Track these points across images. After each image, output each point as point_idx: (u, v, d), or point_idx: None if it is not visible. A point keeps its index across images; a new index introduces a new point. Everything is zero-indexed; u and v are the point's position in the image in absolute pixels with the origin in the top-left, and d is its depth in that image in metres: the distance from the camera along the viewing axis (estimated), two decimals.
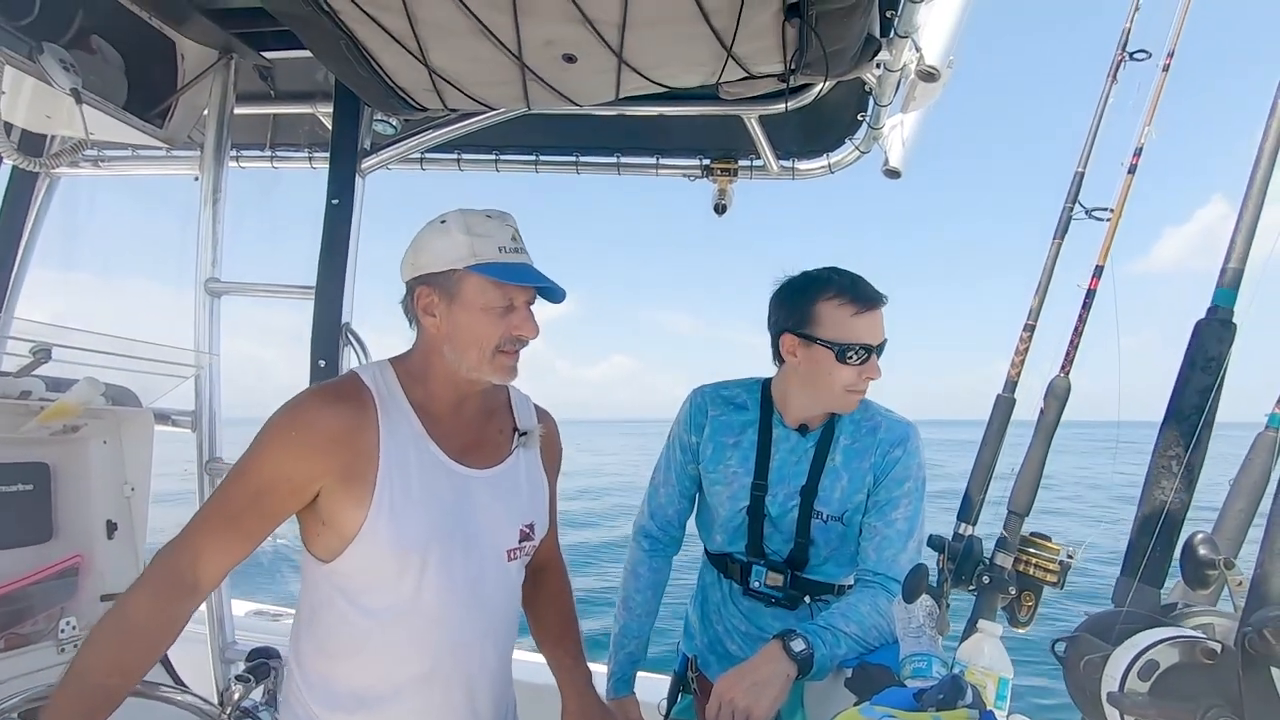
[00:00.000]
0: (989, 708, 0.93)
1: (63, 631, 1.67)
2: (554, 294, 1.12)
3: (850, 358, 1.33)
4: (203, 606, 2.06)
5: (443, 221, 1.09)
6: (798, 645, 1.19)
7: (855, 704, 0.92)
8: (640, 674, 1.60)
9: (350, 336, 1.91)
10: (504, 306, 1.09)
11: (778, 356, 1.44)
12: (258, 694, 1.73)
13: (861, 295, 1.34)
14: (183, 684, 1.76)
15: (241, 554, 1.05)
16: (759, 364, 1.55)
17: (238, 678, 1.53)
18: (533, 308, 1.13)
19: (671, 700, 1.67)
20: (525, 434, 1.23)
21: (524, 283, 1.09)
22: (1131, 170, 1.36)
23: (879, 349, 1.35)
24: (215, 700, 1.55)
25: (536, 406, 1.32)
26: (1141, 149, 1.36)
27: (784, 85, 1.48)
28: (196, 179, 2.13)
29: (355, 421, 1.05)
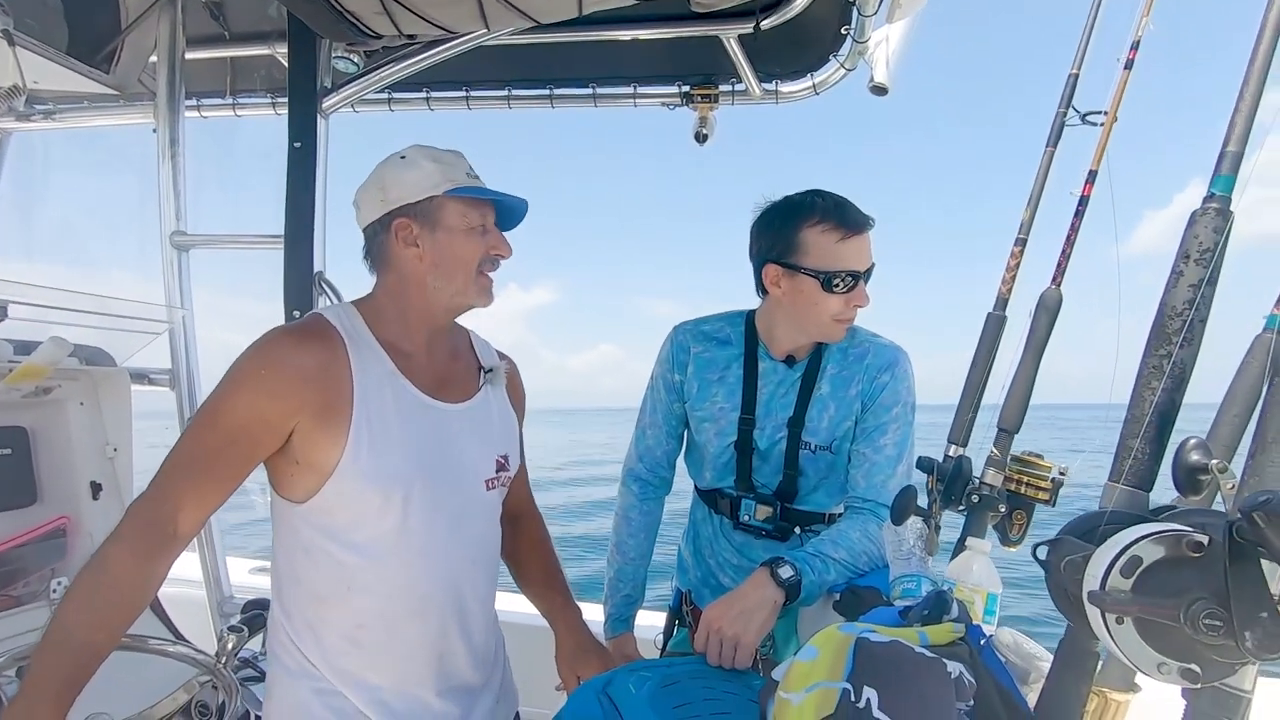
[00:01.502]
0: (976, 623, 0.92)
1: (54, 592, 1.68)
2: (515, 215, 1.18)
3: (837, 285, 1.27)
4: (198, 563, 2.08)
5: (402, 157, 1.11)
6: (785, 572, 1.18)
7: (835, 624, 0.91)
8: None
9: (324, 285, 1.86)
10: (481, 226, 1.13)
11: (761, 288, 1.39)
12: (255, 644, 1.75)
13: (847, 219, 1.28)
14: (182, 637, 1.78)
15: (218, 500, 1.03)
16: None
17: (231, 628, 1.54)
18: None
19: (667, 634, 1.68)
20: (490, 370, 1.25)
21: (503, 199, 1.13)
22: (1128, 66, 1.28)
23: (866, 274, 1.30)
24: (213, 651, 1.56)
25: (498, 351, 1.32)
26: (1139, 43, 1.27)
27: None
28: (155, 130, 2.05)
29: (326, 358, 1.04)
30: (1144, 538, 0.56)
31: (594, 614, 1.44)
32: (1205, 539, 0.54)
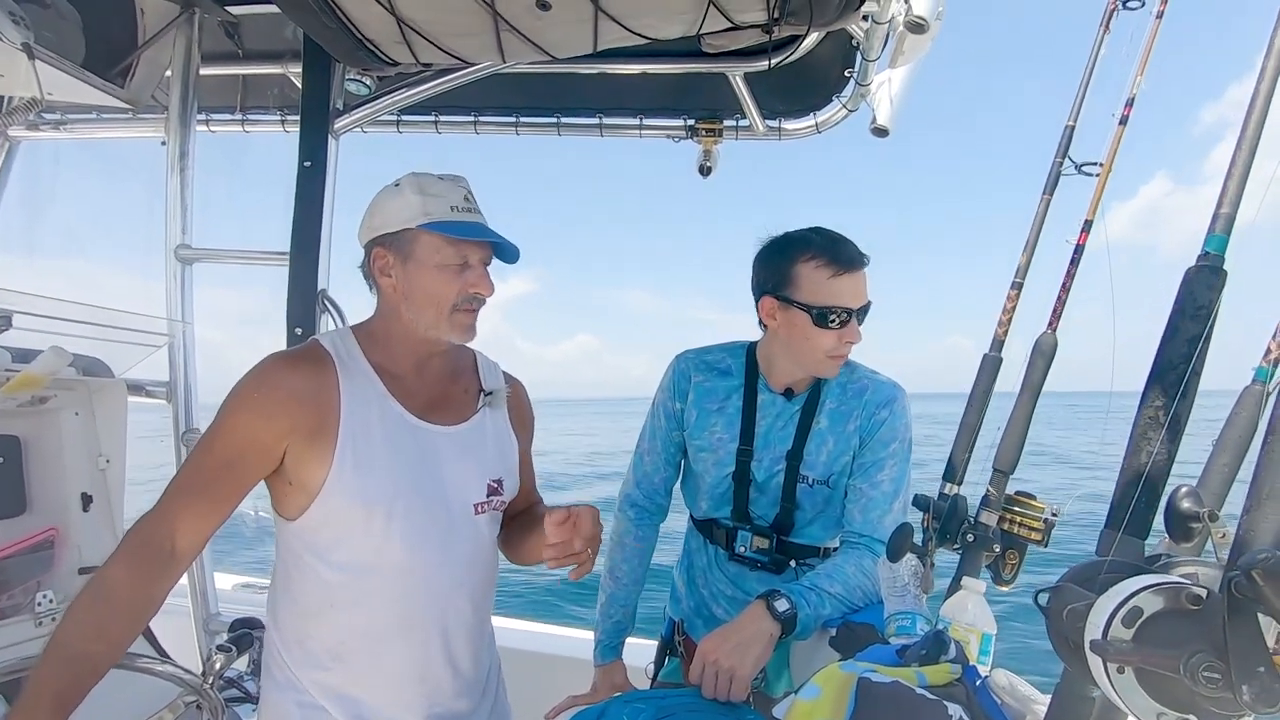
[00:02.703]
0: (971, 663, 0.93)
1: (40, 605, 1.65)
2: (507, 252, 1.14)
3: (830, 321, 1.29)
4: (184, 579, 2.05)
5: (396, 184, 1.11)
6: (781, 605, 1.19)
7: (838, 661, 0.92)
8: (627, 640, 1.59)
9: (327, 303, 1.87)
10: (459, 264, 1.10)
11: (761, 321, 1.41)
12: (241, 664, 1.72)
13: (841, 256, 1.30)
14: (166, 655, 1.75)
15: (217, 521, 1.06)
16: (722, 339, 1.53)
17: (219, 647, 1.52)
18: (491, 273, 1.15)
19: (658, 664, 1.67)
20: (490, 394, 1.24)
21: (475, 238, 1.10)
22: (1123, 121, 1.33)
23: (860, 312, 1.32)
24: (199, 671, 1.54)
25: (505, 374, 1.32)
26: (1134, 99, 1.33)
27: (768, 37, 1.44)
28: (164, 144, 2.06)
29: (316, 381, 1.06)
30: (1144, 589, 0.58)
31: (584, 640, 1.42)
32: (1204, 592, 0.56)
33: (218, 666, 1.48)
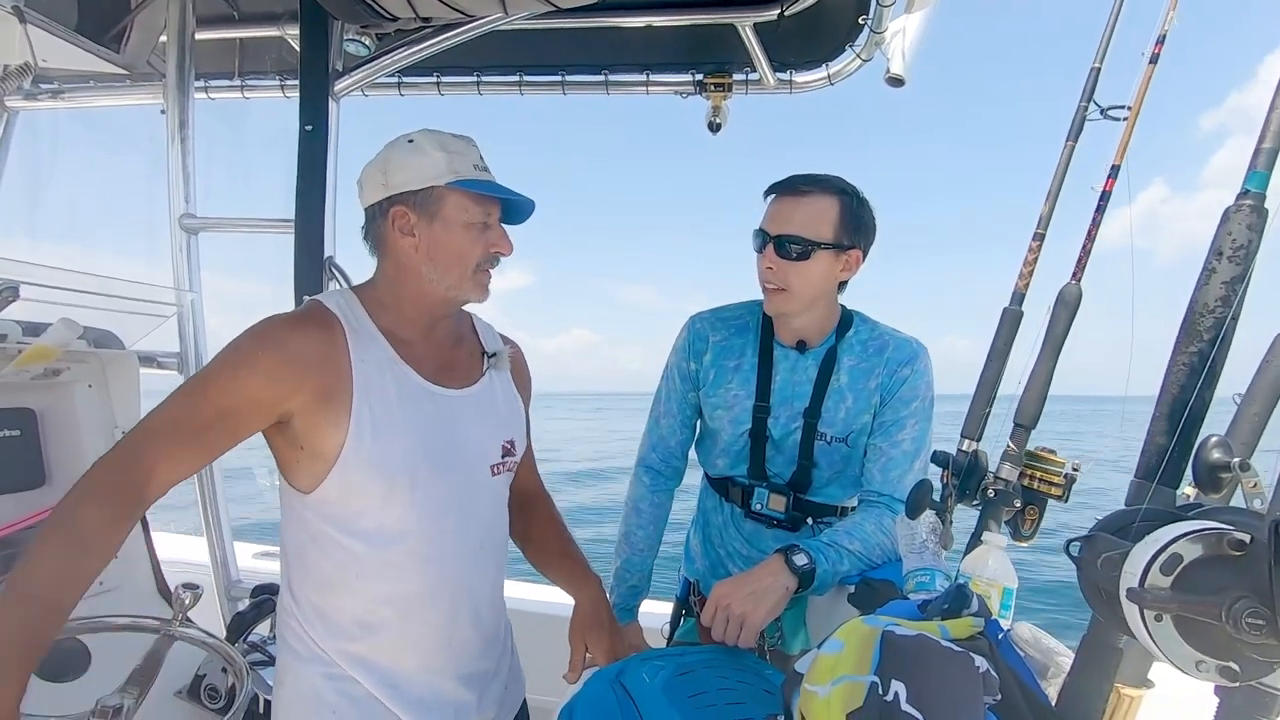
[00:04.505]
0: (993, 617, 0.92)
1: None
2: (517, 214, 1.15)
3: (755, 245, 1.33)
4: (205, 546, 2.08)
5: (410, 141, 1.08)
6: (799, 559, 1.18)
7: (859, 616, 0.91)
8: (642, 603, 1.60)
9: (334, 270, 1.85)
10: (482, 223, 1.10)
11: None
12: (264, 628, 1.75)
13: (776, 183, 1.33)
14: (191, 621, 1.78)
15: (191, 470, 1.01)
16: None
17: (240, 613, 1.54)
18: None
19: (674, 624, 1.68)
20: (494, 355, 1.23)
21: (506, 196, 1.10)
22: (1154, 60, 1.27)
23: (777, 240, 1.30)
24: (223, 636, 1.56)
25: (502, 335, 1.31)
26: (1165, 37, 1.26)
27: None
28: (164, 112, 2.03)
29: (324, 343, 1.03)
30: (1183, 535, 0.56)
31: None
32: (1247, 537, 0.54)
33: (241, 631, 1.51)
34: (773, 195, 1.34)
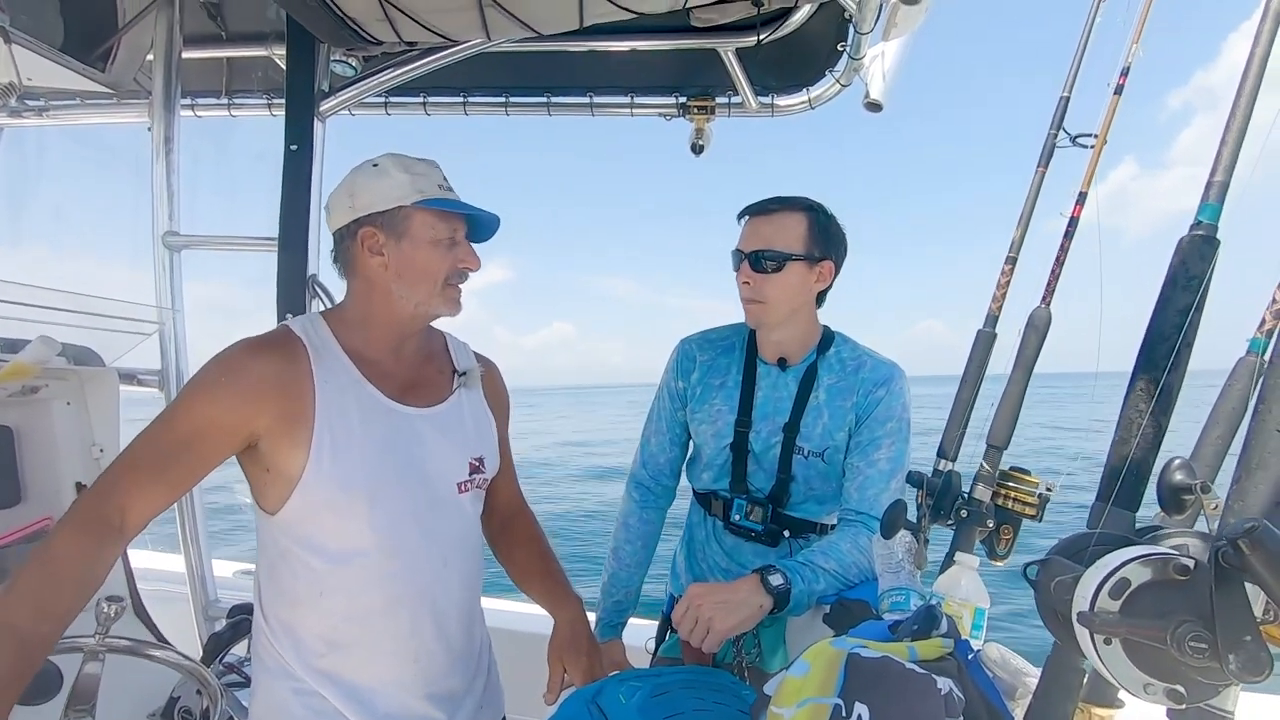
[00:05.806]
0: (964, 637, 0.93)
1: None
2: (482, 231, 1.18)
3: (736, 264, 1.38)
4: (183, 567, 2.06)
5: (375, 165, 1.11)
6: (775, 579, 1.19)
7: (831, 638, 0.92)
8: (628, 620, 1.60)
9: (317, 288, 1.85)
10: (450, 240, 1.13)
11: None
12: (241, 649, 1.73)
13: (748, 206, 1.39)
14: (166, 641, 1.76)
15: (169, 500, 1.04)
16: (698, 325, 1.56)
17: (216, 634, 1.53)
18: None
19: (659, 640, 1.68)
20: (464, 374, 1.25)
21: (470, 212, 1.13)
22: (1118, 91, 1.31)
23: (751, 256, 1.36)
24: (199, 656, 1.54)
25: (477, 354, 1.32)
26: (1129, 69, 1.30)
27: (756, 11, 1.41)
28: (150, 129, 2.04)
29: (286, 368, 1.05)
30: (1132, 560, 0.57)
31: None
32: (1191, 563, 0.55)
33: (217, 652, 1.49)
34: (746, 216, 1.39)
